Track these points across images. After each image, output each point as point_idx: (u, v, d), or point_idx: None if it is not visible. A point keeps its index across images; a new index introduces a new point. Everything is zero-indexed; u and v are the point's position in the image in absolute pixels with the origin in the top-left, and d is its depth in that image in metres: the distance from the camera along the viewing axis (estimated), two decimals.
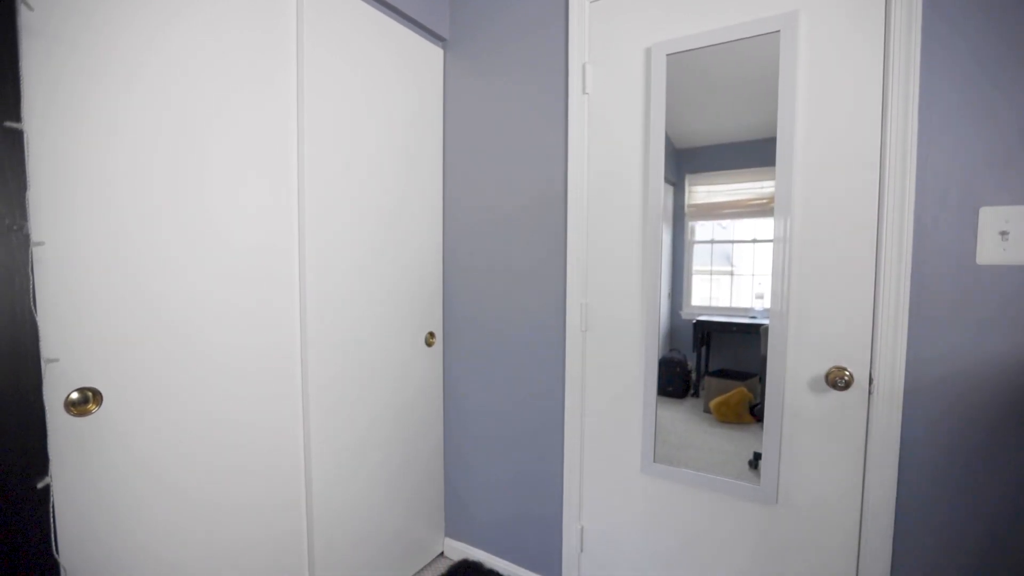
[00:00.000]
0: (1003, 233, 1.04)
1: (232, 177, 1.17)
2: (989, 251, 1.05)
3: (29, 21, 0.85)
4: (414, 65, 1.66)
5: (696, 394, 1.40)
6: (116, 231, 0.98)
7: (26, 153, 0.84)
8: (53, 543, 0.89)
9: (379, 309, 1.56)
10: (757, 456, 1.30)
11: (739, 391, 1.34)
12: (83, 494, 0.95)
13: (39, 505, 0.87)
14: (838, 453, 1.22)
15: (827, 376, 1.21)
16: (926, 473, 1.14)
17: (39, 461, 0.87)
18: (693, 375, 1.41)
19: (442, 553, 1.91)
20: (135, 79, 0.99)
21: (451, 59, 1.78)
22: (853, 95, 1.16)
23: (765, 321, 1.28)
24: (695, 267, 1.39)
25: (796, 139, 1.21)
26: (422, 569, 1.82)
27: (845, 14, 1.16)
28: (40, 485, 0.87)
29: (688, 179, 1.38)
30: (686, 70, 1.34)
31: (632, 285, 1.46)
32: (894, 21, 1.10)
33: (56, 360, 0.90)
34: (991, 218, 1.05)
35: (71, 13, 0.90)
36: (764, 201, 1.26)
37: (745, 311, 1.32)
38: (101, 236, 0.96)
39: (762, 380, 1.28)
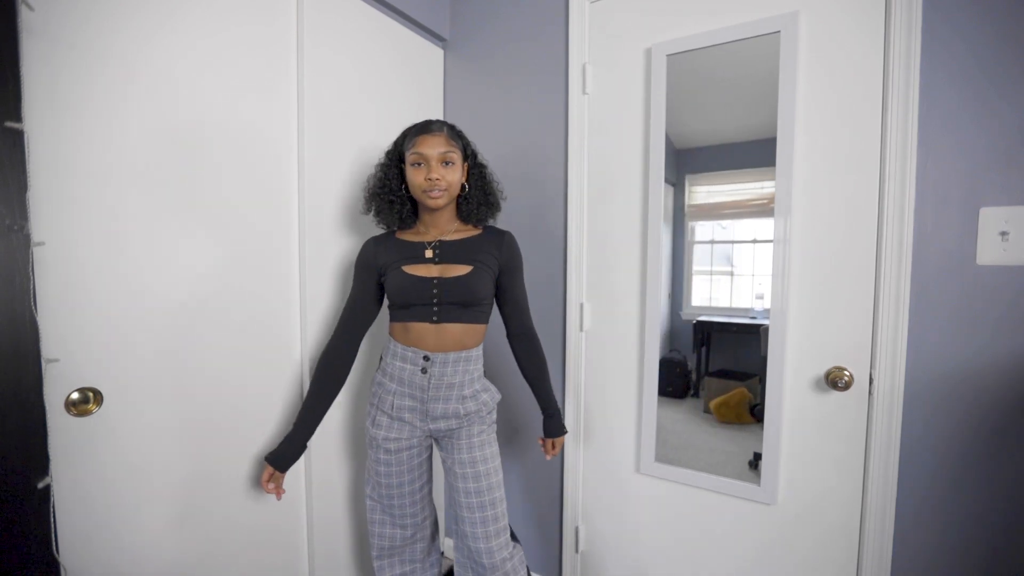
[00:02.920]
0: (1003, 234, 1.04)
1: (233, 176, 1.17)
2: (989, 252, 1.05)
3: (29, 21, 0.85)
4: (414, 65, 1.66)
5: (696, 394, 1.40)
6: (116, 231, 0.98)
7: (26, 153, 0.84)
8: (53, 543, 0.89)
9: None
10: (757, 456, 1.30)
11: (739, 391, 1.34)
12: (83, 494, 0.95)
13: (39, 505, 0.87)
14: (838, 453, 1.22)
15: (827, 376, 1.21)
16: (926, 473, 1.14)
17: (39, 461, 0.87)
18: (693, 375, 1.41)
19: (442, 553, 1.91)
20: (135, 78, 0.99)
21: (451, 59, 1.78)
22: (853, 95, 1.16)
23: (765, 321, 1.28)
24: (695, 267, 1.39)
25: (796, 139, 1.21)
26: None
27: (845, 14, 1.17)
28: (40, 485, 0.87)
29: (688, 179, 1.38)
30: (686, 70, 1.34)
31: (632, 285, 1.46)
32: (894, 21, 1.10)
33: (56, 360, 0.90)
34: (991, 219, 1.05)
35: (71, 13, 0.90)
36: (764, 201, 1.26)
37: (745, 311, 1.33)
38: (101, 236, 0.96)
39: (762, 380, 1.28)
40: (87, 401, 0.94)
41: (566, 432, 1.33)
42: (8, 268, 0.82)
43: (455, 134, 1.19)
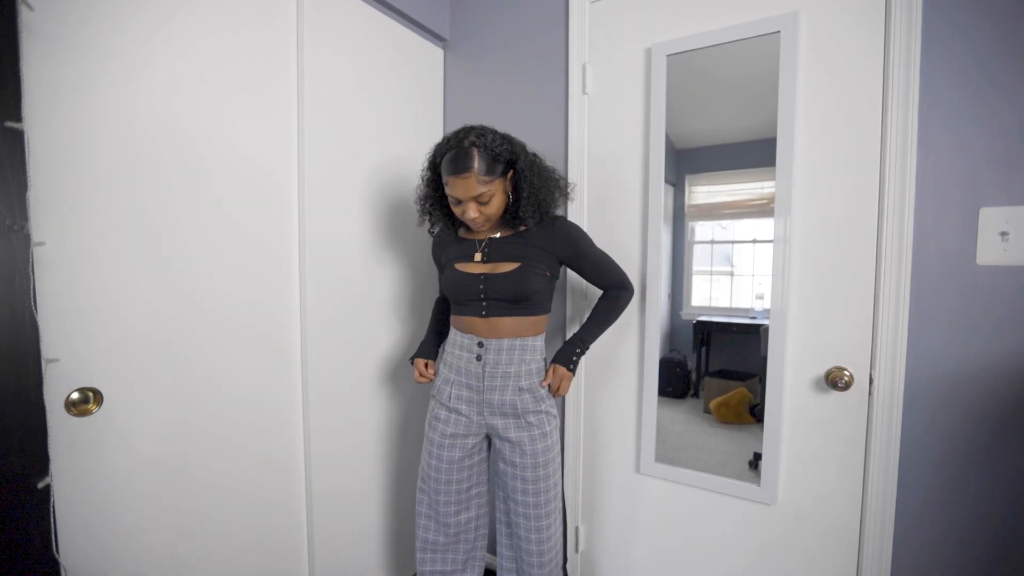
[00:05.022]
0: (1003, 234, 1.04)
1: (232, 174, 1.17)
2: (989, 252, 1.05)
3: (29, 21, 0.85)
4: (414, 65, 1.66)
5: (696, 394, 1.40)
6: (116, 231, 0.98)
7: (26, 153, 0.84)
8: (53, 543, 0.89)
9: (379, 309, 1.56)
10: (757, 456, 1.30)
11: (739, 391, 1.34)
12: (83, 494, 0.95)
13: (39, 505, 0.87)
14: (838, 453, 1.22)
15: (827, 376, 1.21)
16: (926, 474, 1.14)
17: (39, 461, 0.87)
18: (693, 375, 1.41)
19: None
20: (135, 78, 0.99)
21: (451, 59, 1.78)
22: (853, 95, 1.16)
23: (765, 321, 1.28)
24: (695, 267, 1.39)
25: (796, 139, 1.21)
26: None
27: (845, 14, 1.17)
28: (40, 485, 0.87)
29: (688, 179, 1.38)
30: (686, 70, 1.34)
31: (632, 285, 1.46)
32: (894, 21, 1.10)
33: (56, 360, 0.90)
34: (991, 218, 1.05)
35: (71, 13, 0.90)
36: (764, 201, 1.26)
37: (745, 311, 1.33)
38: (101, 236, 0.96)
39: (762, 380, 1.28)
40: (87, 401, 0.94)
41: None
42: (8, 268, 0.82)
43: (488, 165, 1.10)
